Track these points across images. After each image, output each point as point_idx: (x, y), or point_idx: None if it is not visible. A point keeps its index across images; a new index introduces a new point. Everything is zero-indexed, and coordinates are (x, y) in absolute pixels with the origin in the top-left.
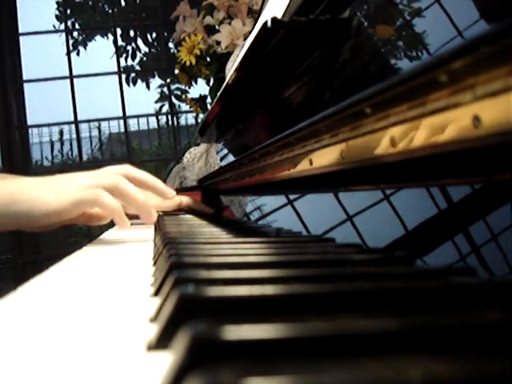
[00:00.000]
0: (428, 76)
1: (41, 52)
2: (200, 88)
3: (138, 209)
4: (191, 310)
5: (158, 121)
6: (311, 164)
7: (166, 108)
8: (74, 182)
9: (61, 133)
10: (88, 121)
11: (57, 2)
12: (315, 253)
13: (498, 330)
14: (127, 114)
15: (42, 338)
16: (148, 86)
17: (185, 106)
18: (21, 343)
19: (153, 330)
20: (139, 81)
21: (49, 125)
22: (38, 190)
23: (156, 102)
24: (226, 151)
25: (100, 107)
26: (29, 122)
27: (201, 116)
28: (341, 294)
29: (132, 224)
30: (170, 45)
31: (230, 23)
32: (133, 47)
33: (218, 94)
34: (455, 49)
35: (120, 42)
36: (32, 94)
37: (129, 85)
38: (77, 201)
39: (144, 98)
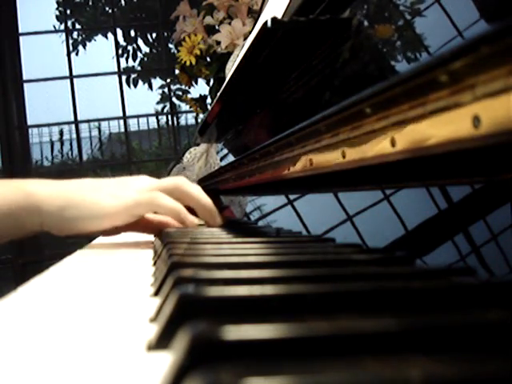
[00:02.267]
0: (428, 76)
1: (41, 52)
2: (200, 88)
3: (201, 209)
4: (191, 310)
5: (158, 121)
6: (311, 164)
7: (166, 108)
8: (131, 184)
9: (61, 133)
10: (88, 121)
11: (57, 2)
12: (315, 253)
13: (497, 330)
14: (127, 114)
15: (42, 338)
16: (151, 87)
17: (185, 106)
18: (21, 343)
19: (153, 330)
20: (140, 82)
21: (49, 125)
22: (93, 193)
23: (158, 103)
24: (226, 151)
25: (100, 107)
26: (29, 122)
27: (201, 116)
28: (341, 294)
29: None
30: (170, 45)
31: (229, 23)
32: (133, 47)
33: (218, 94)
34: (455, 49)
35: (121, 42)
36: (32, 94)
37: (129, 86)
38: (131, 203)
39: (144, 98)
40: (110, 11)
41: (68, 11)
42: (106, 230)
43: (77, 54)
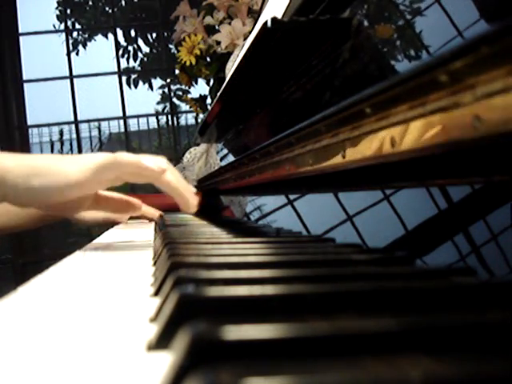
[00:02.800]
0: (428, 76)
1: (41, 52)
2: (200, 88)
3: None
4: (191, 310)
5: (157, 121)
6: (311, 164)
7: (166, 108)
8: (95, 156)
9: (61, 133)
10: (88, 121)
11: (57, 2)
12: (315, 253)
13: (498, 330)
14: (127, 114)
15: (42, 338)
16: (151, 87)
17: (185, 106)
18: (21, 343)
19: (153, 330)
20: (140, 82)
21: (49, 125)
22: (59, 162)
23: (158, 103)
24: (226, 151)
25: (100, 107)
26: (29, 122)
27: (201, 116)
28: (341, 294)
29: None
30: (170, 45)
31: (229, 23)
32: (134, 47)
33: (218, 94)
34: (455, 49)
35: (121, 42)
36: (32, 94)
37: (130, 87)
38: (97, 166)
39: (144, 98)
40: (110, 11)
41: (68, 11)
42: (73, 199)
43: (77, 54)
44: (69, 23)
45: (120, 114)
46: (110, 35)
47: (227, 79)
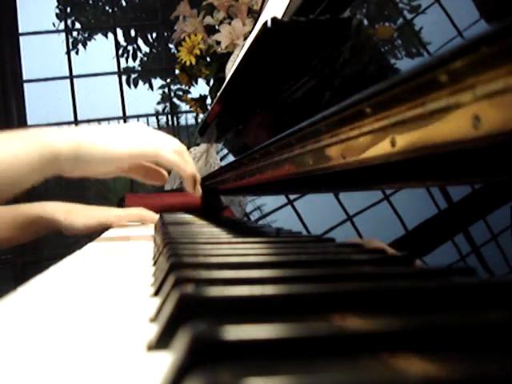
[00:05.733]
0: (428, 76)
1: (41, 52)
2: (200, 88)
3: (187, 177)
4: (191, 310)
5: (157, 121)
6: (311, 164)
7: (166, 108)
8: (139, 132)
9: None
10: (88, 121)
11: (57, 1)
12: (315, 253)
13: (497, 330)
14: (127, 114)
15: (42, 338)
16: (151, 87)
17: (185, 106)
18: (21, 343)
19: (153, 330)
20: (140, 82)
21: (49, 125)
22: (103, 139)
23: (158, 103)
24: (226, 151)
25: (100, 107)
26: (29, 122)
27: (201, 116)
28: (341, 294)
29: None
30: (170, 45)
31: (229, 23)
32: (133, 47)
33: (218, 93)
34: (455, 49)
35: (121, 42)
36: (32, 94)
37: (130, 87)
38: (137, 152)
39: (144, 98)
40: (110, 11)
41: (68, 10)
42: (110, 172)
43: (77, 54)
44: (69, 22)
45: (120, 114)
46: (110, 35)
47: (227, 79)
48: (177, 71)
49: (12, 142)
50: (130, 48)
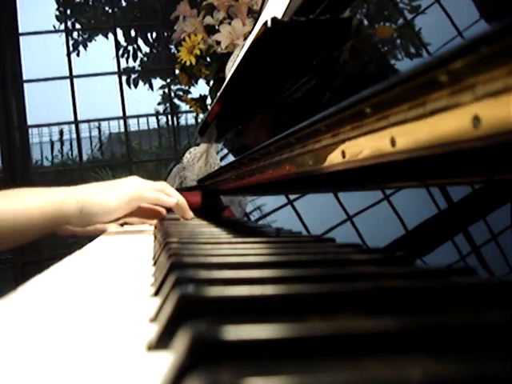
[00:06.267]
0: (428, 76)
1: (41, 52)
2: (200, 88)
3: (178, 208)
4: (191, 310)
5: (157, 121)
6: (311, 164)
7: (166, 108)
8: (127, 184)
9: (61, 133)
10: (88, 121)
11: (57, 2)
12: (315, 253)
13: (497, 330)
14: (127, 114)
15: (42, 338)
16: (151, 87)
17: (185, 106)
18: (21, 343)
19: (153, 330)
20: (140, 83)
21: (49, 125)
22: (101, 194)
23: (159, 104)
24: (226, 151)
25: (100, 107)
26: (29, 122)
27: (201, 116)
28: (341, 294)
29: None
30: (170, 45)
31: (229, 23)
32: (134, 47)
33: (218, 93)
34: (455, 49)
35: (121, 42)
36: (32, 94)
37: (130, 87)
38: (128, 198)
39: (144, 98)
40: (110, 11)
41: (68, 11)
42: (111, 219)
43: (77, 55)
44: (69, 23)
45: (120, 114)
46: (110, 35)
47: (227, 79)
48: (177, 71)
49: (31, 197)
50: (130, 48)
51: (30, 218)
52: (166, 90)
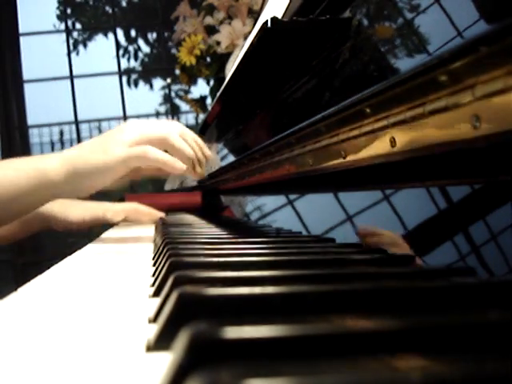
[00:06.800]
0: (428, 76)
1: (41, 52)
2: (200, 88)
3: (185, 162)
4: (191, 310)
5: None
6: (311, 164)
7: (166, 108)
8: (122, 137)
9: (61, 133)
10: (88, 121)
11: (57, 2)
12: (315, 253)
13: (497, 330)
14: (127, 114)
15: (42, 338)
16: (152, 87)
17: (185, 106)
18: (21, 343)
19: (152, 330)
20: (141, 83)
21: (49, 125)
22: (93, 156)
23: (160, 104)
24: (226, 151)
25: (100, 107)
26: (29, 122)
27: (201, 116)
28: (341, 294)
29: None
30: (171, 45)
31: (230, 23)
32: (134, 47)
33: (218, 93)
34: (455, 49)
35: (122, 42)
36: (32, 94)
37: (130, 87)
38: (125, 158)
39: (144, 98)
40: (111, 11)
41: (68, 11)
42: (110, 183)
43: (77, 54)
44: (69, 23)
45: (120, 114)
46: (111, 35)
47: (227, 79)
48: (177, 71)
49: (14, 163)
50: (130, 48)
51: (15, 184)
52: (167, 91)
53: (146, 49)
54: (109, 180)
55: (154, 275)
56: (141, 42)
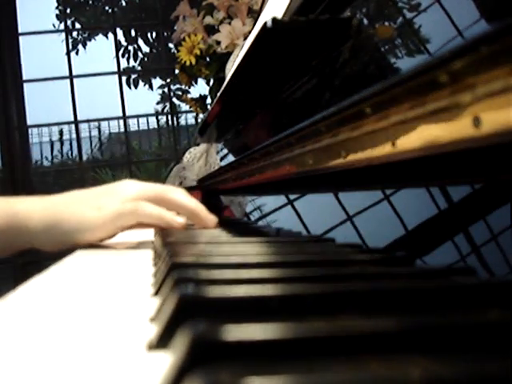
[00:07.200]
0: (428, 76)
1: (41, 52)
2: (200, 88)
3: (189, 215)
4: (191, 310)
5: (157, 121)
6: (311, 164)
7: (166, 108)
8: (116, 193)
9: (61, 133)
10: (88, 121)
11: (57, 1)
12: (315, 253)
13: (497, 330)
14: (127, 113)
15: (42, 338)
16: (151, 87)
17: (185, 106)
18: (21, 343)
19: (153, 330)
20: (140, 83)
21: (49, 125)
22: (78, 207)
23: (158, 103)
24: (226, 151)
25: (100, 107)
26: (29, 122)
27: (201, 116)
28: (341, 294)
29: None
30: (170, 45)
31: (229, 23)
32: (134, 47)
33: (218, 94)
34: (455, 49)
35: (121, 42)
36: (32, 94)
37: (130, 87)
38: (115, 215)
39: (144, 98)
40: (110, 11)
41: (68, 11)
42: (96, 240)
43: (77, 54)
44: (68, 23)
45: (120, 114)
46: (110, 35)
47: (227, 79)
48: (177, 71)
49: None
50: (130, 48)
51: None
52: (166, 90)
53: (145, 49)
54: (92, 238)
55: (154, 275)
56: (140, 41)
